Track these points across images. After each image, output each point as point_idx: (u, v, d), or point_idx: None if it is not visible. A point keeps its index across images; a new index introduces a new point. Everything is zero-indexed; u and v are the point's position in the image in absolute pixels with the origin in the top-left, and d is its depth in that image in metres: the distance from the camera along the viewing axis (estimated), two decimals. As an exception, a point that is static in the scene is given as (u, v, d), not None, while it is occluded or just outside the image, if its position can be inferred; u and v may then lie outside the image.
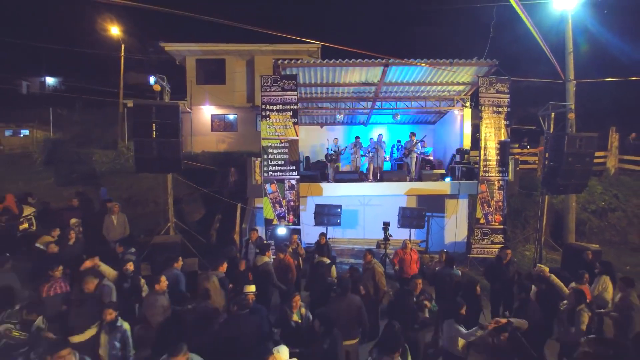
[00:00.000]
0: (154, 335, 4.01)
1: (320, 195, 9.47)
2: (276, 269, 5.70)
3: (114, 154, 13.68)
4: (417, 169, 10.68)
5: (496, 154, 9.08)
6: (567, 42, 10.46)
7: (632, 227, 12.19)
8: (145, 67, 35.24)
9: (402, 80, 10.28)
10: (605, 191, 12.69)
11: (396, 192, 9.89)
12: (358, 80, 10.22)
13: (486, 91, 9.00)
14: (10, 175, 13.42)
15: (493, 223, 9.19)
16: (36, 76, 36.78)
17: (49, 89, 37.62)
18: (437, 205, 10.63)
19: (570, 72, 10.48)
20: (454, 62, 9.09)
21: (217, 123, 17.94)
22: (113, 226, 7.80)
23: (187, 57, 17.21)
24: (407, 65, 9.21)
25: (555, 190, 8.56)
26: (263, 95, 8.80)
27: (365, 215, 10.71)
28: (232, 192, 11.12)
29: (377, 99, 11.00)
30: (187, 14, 6.51)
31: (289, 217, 8.73)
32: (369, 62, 9.03)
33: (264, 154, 8.82)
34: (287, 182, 8.74)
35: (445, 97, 11.12)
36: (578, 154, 8.09)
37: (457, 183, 9.84)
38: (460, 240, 10.44)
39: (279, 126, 8.72)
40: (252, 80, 17.36)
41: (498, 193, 9.18)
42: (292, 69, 9.35)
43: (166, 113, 7.33)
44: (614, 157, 13.74)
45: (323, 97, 11.29)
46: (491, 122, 9.04)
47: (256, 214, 10.29)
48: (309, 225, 9.14)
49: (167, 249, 6.40)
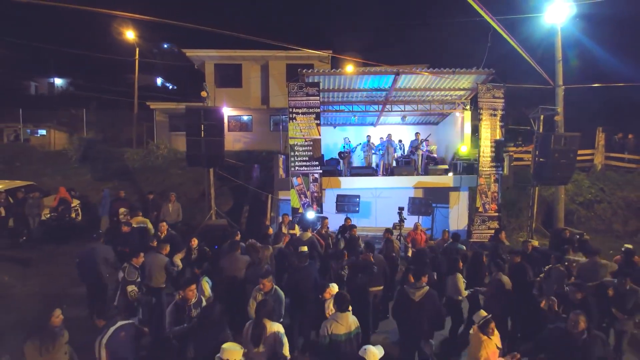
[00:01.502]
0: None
1: (339, 188, 10.78)
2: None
3: (144, 152, 14.93)
4: (423, 165, 11.99)
5: (492, 151, 10.40)
6: (557, 51, 11.68)
7: (617, 217, 13.52)
8: (153, 68, 36.43)
9: (409, 86, 11.58)
10: (592, 185, 14.03)
11: (405, 185, 11.20)
12: (371, 86, 11.52)
13: (484, 96, 10.33)
14: (48, 171, 14.66)
15: (490, 211, 10.52)
16: (44, 77, 37.89)
17: (57, 89, 38.76)
18: (441, 197, 11.95)
19: (559, 79, 11.72)
20: (456, 71, 10.39)
21: (233, 124, 19.18)
22: (169, 212, 9.08)
23: (205, 62, 18.45)
24: (415, 74, 10.53)
25: (544, 181, 9.88)
26: (290, 100, 10.08)
27: (377, 206, 12.01)
28: (256, 186, 12.43)
29: (387, 102, 12.30)
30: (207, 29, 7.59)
31: (312, 206, 10.03)
32: (382, 71, 10.34)
33: (290, 151, 10.10)
34: (311, 175, 10.04)
35: (448, 101, 12.43)
36: (563, 150, 9.40)
37: (459, 177, 11.17)
38: (462, 228, 11.71)
39: (304, 127, 10.01)
40: (267, 83, 18.63)
41: (494, 185, 10.50)
42: (314, 77, 10.59)
43: (212, 116, 8.62)
44: (601, 155, 15.11)
45: (338, 101, 12.57)
46: (488, 124, 10.36)
47: (280, 205, 11.58)
48: (329, 213, 10.42)
49: (218, 229, 7.69)
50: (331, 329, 3.84)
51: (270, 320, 3.79)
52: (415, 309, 4.32)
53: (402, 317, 4.55)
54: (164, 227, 7.08)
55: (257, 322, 3.72)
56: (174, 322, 4.13)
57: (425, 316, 4.29)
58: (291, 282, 5.14)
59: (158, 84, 40.40)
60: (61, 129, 23.41)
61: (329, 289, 4.64)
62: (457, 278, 5.62)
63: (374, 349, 3.24)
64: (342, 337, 3.78)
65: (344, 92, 11.99)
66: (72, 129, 22.25)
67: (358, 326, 4.00)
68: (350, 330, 3.87)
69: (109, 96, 27.47)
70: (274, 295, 4.53)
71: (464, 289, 5.62)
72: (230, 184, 12.73)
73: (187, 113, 8.59)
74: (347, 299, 3.97)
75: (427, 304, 4.29)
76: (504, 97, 10.47)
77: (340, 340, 3.74)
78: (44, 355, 3.54)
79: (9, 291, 7.33)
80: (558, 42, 11.69)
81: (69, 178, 14.24)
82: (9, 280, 7.80)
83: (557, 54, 11.73)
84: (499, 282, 5.13)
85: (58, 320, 3.77)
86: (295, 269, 5.19)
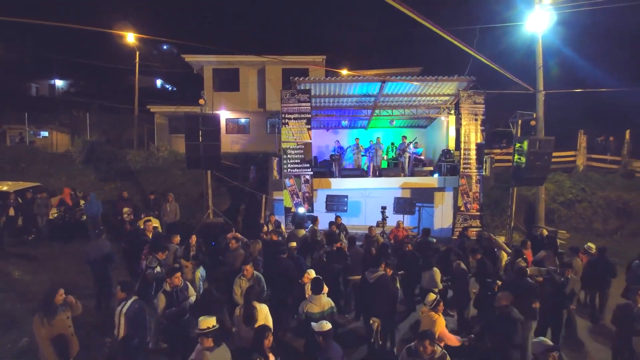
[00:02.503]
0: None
1: (329, 188, 11.44)
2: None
3: (146, 154, 15.58)
4: (410, 167, 12.64)
5: (474, 154, 11.06)
6: (538, 58, 12.31)
7: (597, 216, 14.18)
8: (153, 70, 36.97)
9: (397, 92, 12.23)
10: (573, 185, 14.70)
11: (392, 186, 11.86)
12: (360, 92, 12.17)
13: (465, 102, 10.99)
14: (53, 172, 15.30)
15: (471, 210, 11.18)
16: (45, 79, 38.43)
17: (58, 91, 39.32)
18: (427, 197, 12.62)
19: (540, 84, 12.36)
20: (439, 79, 11.05)
21: (231, 126, 19.82)
22: (167, 212, 9.74)
23: (204, 66, 19.08)
24: (401, 81, 11.18)
25: (521, 182, 10.53)
26: (283, 106, 10.73)
27: (366, 205, 12.68)
28: (252, 187, 13.09)
29: (376, 107, 12.95)
30: (208, 46, 8.25)
31: (304, 205, 10.69)
32: (369, 78, 10.99)
33: (283, 154, 10.76)
34: (303, 177, 10.70)
35: (434, 105, 13.08)
36: (538, 153, 10.05)
37: (443, 178, 11.83)
38: (447, 227, 12.38)
39: (295, 131, 10.67)
40: (263, 87, 19.26)
41: (475, 185, 11.17)
42: (306, 84, 11.24)
43: (209, 122, 9.28)
44: (583, 156, 15.78)
45: (330, 105, 13.22)
46: (469, 128, 11.03)
47: (274, 204, 12.23)
48: (321, 212, 11.08)
49: (215, 227, 8.34)
50: (306, 308, 4.52)
51: (258, 302, 4.45)
52: (370, 289, 5.14)
53: (360, 296, 5.36)
54: (150, 226, 7.75)
55: (247, 305, 4.36)
56: (166, 307, 4.77)
57: (378, 296, 5.04)
58: (278, 269, 5.87)
59: (158, 85, 41.08)
60: (63, 130, 23.93)
61: (307, 274, 5.34)
62: (435, 272, 6.25)
63: (324, 322, 3.86)
64: (316, 315, 4.44)
65: (335, 98, 12.64)
66: (74, 130, 22.85)
67: (332, 306, 4.67)
68: (324, 309, 4.53)
69: (110, 98, 28.13)
70: (256, 278, 5.24)
71: (440, 282, 6.27)
72: (228, 184, 13.38)
73: (187, 119, 9.25)
74: (321, 283, 4.64)
75: (379, 286, 5.04)
76: (484, 102, 11.12)
77: (314, 317, 4.38)
78: (45, 327, 4.17)
79: (22, 283, 7.98)
80: (539, 49, 12.31)
81: (73, 179, 14.88)
82: (21, 274, 8.46)
83: (537, 61, 12.34)
84: (458, 267, 5.84)
85: (60, 299, 4.38)
86: (280, 260, 5.90)
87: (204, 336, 3.57)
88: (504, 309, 4.45)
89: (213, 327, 3.63)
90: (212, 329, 3.62)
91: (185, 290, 4.93)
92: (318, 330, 3.76)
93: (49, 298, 4.30)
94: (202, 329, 3.59)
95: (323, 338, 3.74)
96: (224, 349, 3.72)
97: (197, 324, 3.64)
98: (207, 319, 3.63)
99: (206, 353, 3.53)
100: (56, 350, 4.24)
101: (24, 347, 5.54)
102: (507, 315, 4.42)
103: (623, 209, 14.00)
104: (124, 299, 4.51)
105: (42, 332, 4.17)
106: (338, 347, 3.86)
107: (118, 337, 4.39)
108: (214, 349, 3.59)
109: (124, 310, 4.41)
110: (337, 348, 3.84)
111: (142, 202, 12.77)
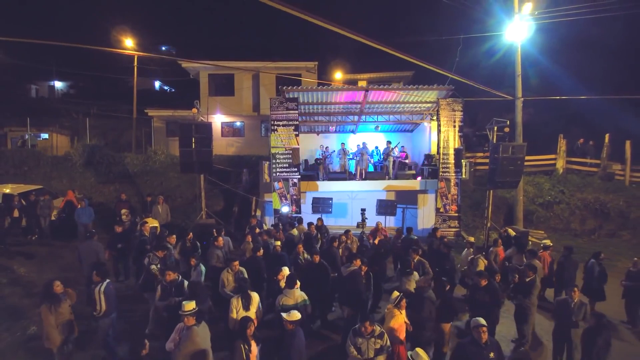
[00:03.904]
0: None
1: (317, 191, 12.11)
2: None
3: (144, 157, 16.23)
4: (395, 170, 13.31)
5: (452, 158, 11.73)
6: (517, 66, 12.91)
7: (574, 217, 14.84)
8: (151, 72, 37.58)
9: (381, 100, 12.91)
10: (552, 187, 15.37)
11: (377, 188, 12.54)
12: (346, 99, 12.84)
13: (444, 110, 11.68)
14: (55, 175, 15.94)
15: (450, 212, 11.86)
16: (44, 80, 38.98)
17: (58, 92, 39.89)
18: (411, 199, 13.29)
19: (518, 91, 12.99)
20: (419, 88, 11.71)
21: (227, 129, 20.51)
22: (159, 213, 10.37)
23: (200, 71, 19.75)
24: (383, 90, 11.85)
25: (496, 186, 11.17)
26: (272, 114, 11.40)
27: (352, 206, 13.35)
28: (245, 189, 13.75)
29: (362, 113, 13.63)
30: (208, 63, 8.83)
31: (292, 207, 11.36)
32: (353, 87, 11.65)
33: (272, 159, 11.42)
34: (291, 180, 11.37)
35: (417, 112, 13.74)
36: (511, 158, 10.68)
37: (424, 181, 12.50)
38: (429, 227, 13.02)
39: (284, 137, 11.34)
40: (258, 92, 19.95)
41: (454, 188, 11.84)
42: (294, 93, 11.90)
43: (202, 129, 9.94)
44: (562, 159, 16.45)
45: (318, 112, 13.89)
46: (448, 134, 11.71)
47: (265, 205, 12.89)
48: (307, 214, 11.75)
49: (207, 228, 9.00)
50: (282, 301, 5.21)
51: (251, 291, 5.23)
52: (343, 281, 5.95)
53: (337, 288, 6.11)
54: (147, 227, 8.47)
55: (245, 294, 5.16)
56: (162, 299, 5.58)
57: (349, 287, 5.72)
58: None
59: (156, 87, 41.71)
60: (63, 132, 24.46)
61: (282, 272, 6.05)
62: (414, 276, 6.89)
63: (294, 312, 4.53)
64: (290, 307, 5.11)
65: (323, 105, 13.31)
66: (74, 132, 23.44)
67: (305, 299, 5.36)
68: (297, 302, 5.21)
69: (108, 100, 28.75)
70: (240, 272, 5.99)
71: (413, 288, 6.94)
72: (221, 187, 14.05)
73: (181, 128, 9.91)
74: (295, 278, 5.32)
75: (350, 279, 5.81)
76: (462, 110, 11.80)
77: (288, 309, 5.03)
78: (53, 313, 4.88)
79: (28, 279, 8.64)
80: (518, 57, 12.92)
81: (74, 181, 15.52)
82: (26, 271, 9.11)
83: (517, 69, 12.96)
84: (421, 262, 6.57)
85: (59, 289, 5.08)
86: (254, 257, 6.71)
87: (187, 316, 4.37)
88: (421, 290, 5.51)
89: (193, 310, 4.42)
90: (192, 310, 4.40)
91: (182, 286, 5.63)
92: (287, 318, 4.43)
93: (49, 289, 5.01)
94: (185, 310, 4.39)
95: (291, 325, 4.40)
96: (204, 325, 4.54)
97: (182, 307, 4.41)
98: (189, 303, 4.46)
99: (194, 328, 4.36)
100: (61, 334, 4.92)
101: (32, 334, 6.21)
102: (421, 295, 5.42)
103: (600, 210, 14.64)
104: (100, 281, 5.42)
105: (50, 319, 4.85)
106: (301, 334, 4.51)
107: (100, 312, 5.34)
108: (198, 325, 4.41)
109: (102, 289, 5.37)
110: (300, 335, 4.49)
111: (140, 204, 13.43)
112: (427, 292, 5.49)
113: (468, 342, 4.32)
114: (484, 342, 4.22)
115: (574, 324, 5.45)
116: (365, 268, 6.21)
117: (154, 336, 5.53)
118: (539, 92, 18.38)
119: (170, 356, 4.42)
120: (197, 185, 11.44)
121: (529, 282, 6.30)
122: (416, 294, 5.59)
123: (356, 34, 5.29)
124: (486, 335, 4.25)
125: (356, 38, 5.11)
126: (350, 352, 4.50)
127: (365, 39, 5.47)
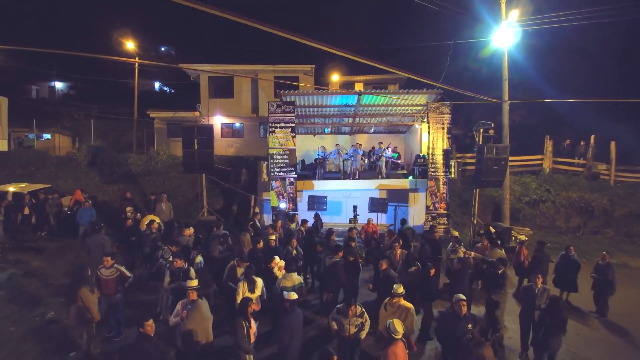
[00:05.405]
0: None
1: (313, 189, 12.74)
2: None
3: (146, 157, 16.82)
4: (387, 170, 13.94)
5: (440, 159, 12.38)
6: (504, 71, 13.49)
7: (559, 215, 15.48)
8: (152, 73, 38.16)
9: (374, 103, 13.55)
10: (539, 186, 16.01)
11: (369, 187, 13.18)
12: (340, 103, 13.47)
13: (433, 112, 12.32)
14: (61, 175, 16.51)
15: (439, 209, 12.50)
16: (45, 81, 39.43)
17: (59, 93, 40.40)
18: (403, 197, 13.92)
19: (505, 95, 13.54)
20: (409, 92, 12.35)
21: (226, 130, 21.11)
22: (162, 211, 10.97)
23: (200, 74, 20.33)
24: (374, 94, 12.50)
25: (481, 185, 11.80)
26: (269, 116, 12.02)
27: (347, 205, 13.99)
28: (244, 188, 14.36)
29: (357, 115, 14.26)
30: (207, 70, 9.43)
31: (289, 205, 11.98)
32: (347, 91, 12.28)
33: (270, 159, 12.04)
34: (288, 179, 11.99)
35: (409, 114, 14.39)
36: (495, 159, 11.32)
37: (415, 180, 13.14)
38: (420, 224, 13.68)
39: (281, 139, 11.96)
40: (256, 94, 20.55)
41: (443, 187, 12.48)
42: (291, 96, 12.52)
43: (203, 131, 10.56)
44: (549, 160, 17.11)
45: (315, 114, 14.52)
46: (437, 135, 12.35)
47: (263, 204, 13.52)
48: (303, 211, 12.39)
49: (208, 224, 9.62)
50: (282, 283, 5.95)
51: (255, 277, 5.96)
52: (326, 270, 6.73)
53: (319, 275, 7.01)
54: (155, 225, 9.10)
55: (250, 279, 5.88)
56: (170, 281, 6.34)
57: (332, 276, 6.48)
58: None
59: (156, 88, 42.28)
60: (65, 133, 24.98)
61: (274, 261, 6.76)
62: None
63: (292, 292, 5.22)
64: (288, 289, 5.78)
65: (319, 107, 13.95)
66: (75, 133, 23.98)
67: (301, 282, 6.19)
68: (295, 284, 5.94)
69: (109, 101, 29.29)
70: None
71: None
72: (221, 186, 14.66)
73: (183, 130, 10.54)
74: (293, 264, 6.08)
75: (332, 268, 6.59)
76: (450, 112, 12.44)
77: (287, 290, 5.71)
78: (95, 293, 5.74)
79: (41, 270, 9.24)
80: (505, 62, 13.51)
81: (79, 181, 16.08)
82: (40, 263, 9.72)
83: (504, 73, 13.54)
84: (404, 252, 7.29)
85: (89, 273, 6.00)
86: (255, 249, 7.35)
87: (192, 291, 5.13)
88: (385, 271, 6.37)
89: (196, 286, 5.23)
90: (196, 287, 5.21)
91: (188, 272, 6.30)
92: (286, 297, 5.08)
93: (83, 274, 5.77)
94: (190, 286, 5.17)
95: (289, 304, 5.05)
96: (205, 301, 5.26)
97: (187, 283, 5.25)
98: (193, 281, 5.34)
99: (199, 301, 5.12)
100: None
101: (50, 319, 6.83)
102: (388, 275, 6.26)
103: (585, 209, 15.26)
104: (111, 265, 6.22)
105: (91, 298, 5.68)
106: (299, 312, 5.16)
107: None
108: (200, 299, 5.17)
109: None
110: (299, 312, 5.13)
111: (143, 203, 14.02)
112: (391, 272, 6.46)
113: (449, 314, 5.03)
114: (464, 314, 4.90)
115: (537, 307, 6.10)
116: (352, 258, 6.91)
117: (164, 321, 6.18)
118: (532, 96, 19.06)
119: (175, 330, 5.05)
120: (199, 185, 12.05)
121: (501, 274, 6.94)
122: (383, 276, 6.45)
123: (349, 52, 5.93)
124: (465, 309, 4.94)
125: (348, 56, 5.75)
126: (331, 325, 5.23)
127: (356, 56, 6.10)
